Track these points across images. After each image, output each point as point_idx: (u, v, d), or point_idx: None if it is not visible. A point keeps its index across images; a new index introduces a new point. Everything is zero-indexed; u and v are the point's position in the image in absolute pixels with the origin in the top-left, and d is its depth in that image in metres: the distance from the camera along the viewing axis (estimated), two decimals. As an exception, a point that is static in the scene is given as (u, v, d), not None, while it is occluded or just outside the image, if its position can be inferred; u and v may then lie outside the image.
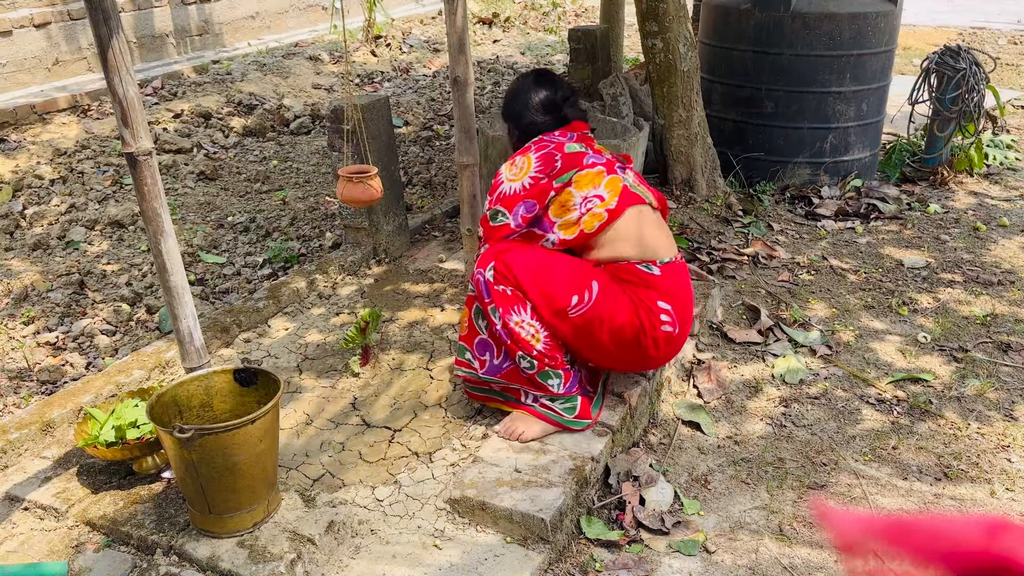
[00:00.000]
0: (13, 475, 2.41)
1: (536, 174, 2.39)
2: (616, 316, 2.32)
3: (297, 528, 2.10)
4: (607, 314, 2.32)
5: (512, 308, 2.32)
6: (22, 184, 4.87)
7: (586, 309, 2.31)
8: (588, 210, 2.36)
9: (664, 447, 2.66)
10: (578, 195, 2.37)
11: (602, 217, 2.35)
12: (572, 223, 2.37)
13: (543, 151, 2.44)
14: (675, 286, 2.41)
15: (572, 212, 2.37)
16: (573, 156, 2.43)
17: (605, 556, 2.21)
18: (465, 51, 2.94)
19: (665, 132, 4.47)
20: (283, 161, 5.44)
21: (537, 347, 2.34)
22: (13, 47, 6.32)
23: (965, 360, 3.11)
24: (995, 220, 4.35)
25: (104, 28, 1.95)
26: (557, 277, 2.32)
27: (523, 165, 2.43)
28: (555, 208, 2.39)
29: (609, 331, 2.33)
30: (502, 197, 2.42)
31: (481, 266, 2.36)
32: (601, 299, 2.31)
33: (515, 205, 2.39)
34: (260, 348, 3.13)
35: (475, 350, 2.46)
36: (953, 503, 2.42)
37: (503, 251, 2.36)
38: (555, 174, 2.38)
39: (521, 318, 2.32)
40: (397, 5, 9.91)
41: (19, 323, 3.57)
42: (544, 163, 2.40)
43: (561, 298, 2.31)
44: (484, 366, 2.45)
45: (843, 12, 4.38)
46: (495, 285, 2.33)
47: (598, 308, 2.31)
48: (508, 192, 2.41)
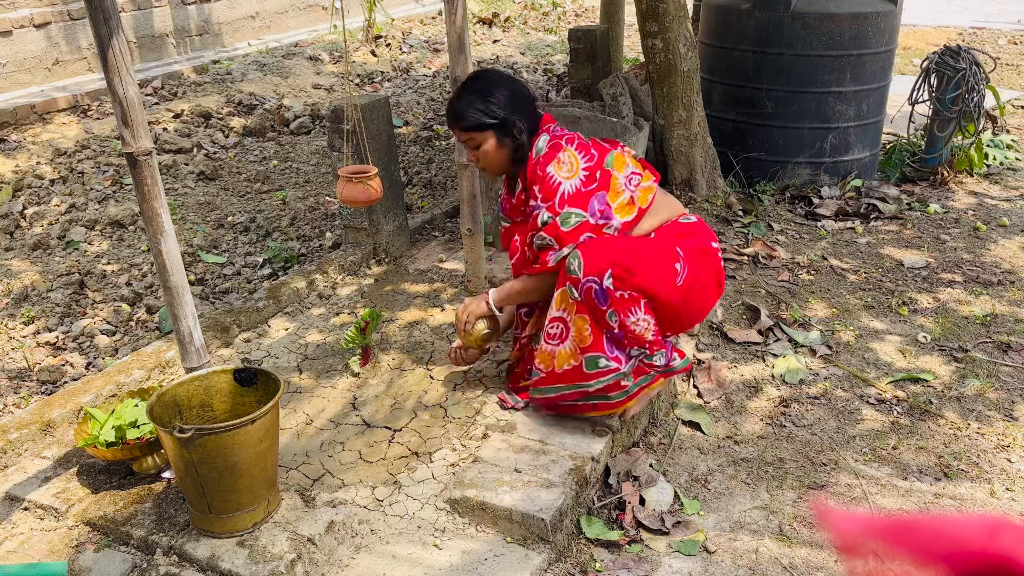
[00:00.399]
0: (13, 475, 2.41)
1: (587, 165, 2.37)
2: (701, 268, 2.45)
3: (297, 528, 2.10)
4: (697, 271, 2.43)
5: (629, 310, 2.33)
6: (22, 184, 4.87)
7: (687, 273, 2.39)
8: (636, 186, 2.41)
9: (664, 447, 2.66)
10: (621, 177, 2.40)
11: (652, 189, 2.44)
12: (626, 204, 2.39)
13: (575, 142, 2.41)
14: (706, 226, 2.57)
15: (623, 194, 2.39)
16: (595, 143, 2.44)
17: (605, 556, 2.21)
18: (465, 51, 2.94)
19: (665, 132, 4.47)
20: (283, 161, 5.45)
21: (648, 337, 2.40)
22: (13, 47, 6.33)
23: (965, 360, 3.11)
24: (995, 220, 4.35)
25: (104, 28, 1.95)
26: (659, 258, 2.36)
27: (570, 161, 2.37)
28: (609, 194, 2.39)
29: (702, 285, 2.45)
30: (568, 197, 2.34)
31: (593, 274, 2.28)
32: (689, 262, 2.41)
33: (588, 200, 2.34)
34: (260, 348, 3.13)
35: (607, 351, 2.38)
36: (953, 503, 2.42)
37: (611, 254, 2.29)
38: (599, 161, 2.39)
39: (636, 317, 2.35)
40: (397, 5, 9.92)
41: (19, 323, 3.57)
42: (585, 152, 2.39)
43: (670, 274, 2.36)
44: (622, 361, 2.40)
45: (843, 12, 4.38)
46: (615, 292, 2.30)
47: (692, 268, 2.41)
48: (571, 191, 2.35)
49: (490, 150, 2.44)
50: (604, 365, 2.38)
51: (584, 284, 2.30)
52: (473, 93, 2.41)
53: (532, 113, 2.47)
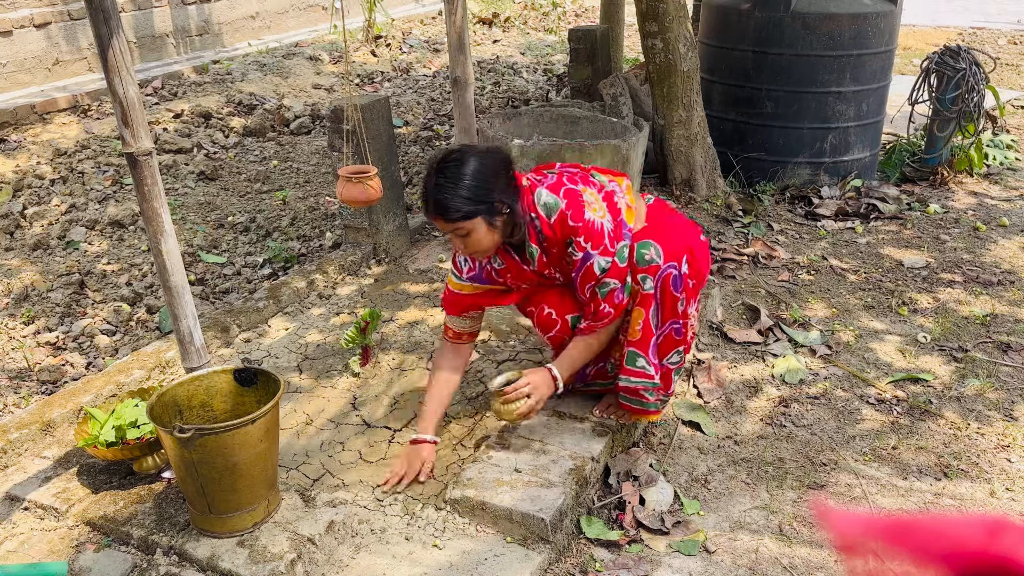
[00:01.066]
0: (13, 475, 2.41)
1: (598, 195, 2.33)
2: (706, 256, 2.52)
3: (297, 528, 2.10)
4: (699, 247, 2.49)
5: (691, 300, 2.39)
6: (22, 184, 4.87)
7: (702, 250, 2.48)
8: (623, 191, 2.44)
9: (664, 447, 2.66)
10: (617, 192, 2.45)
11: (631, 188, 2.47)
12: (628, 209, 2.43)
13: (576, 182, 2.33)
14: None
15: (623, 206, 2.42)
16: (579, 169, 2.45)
17: (605, 556, 2.21)
18: (465, 51, 2.94)
19: (665, 132, 4.47)
20: (283, 161, 5.45)
21: (688, 336, 2.45)
22: (13, 47, 6.33)
23: (965, 360, 3.11)
24: (995, 220, 4.35)
25: (104, 28, 1.95)
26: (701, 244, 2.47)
27: (593, 199, 2.29)
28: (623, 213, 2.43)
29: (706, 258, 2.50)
30: (613, 234, 2.28)
31: (673, 260, 2.31)
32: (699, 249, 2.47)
33: (623, 227, 2.32)
34: (260, 348, 3.13)
35: (651, 355, 2.36)
36: (953, 503, 2.42)
37: (688, 242, 2.38)
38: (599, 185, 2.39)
39: (691, 310, 2.41)
40: (397, 5, 9.92)
41: (19, 323, 3.57)
42: (587, 183, 2.35)
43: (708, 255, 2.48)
44: (658, 371, 2.40)
45: (843, 12, 4.38)
46: (688, 279, 2.34)
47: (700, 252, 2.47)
48: (612, 227, 2.28)
49: (482, 236, 2.20)
50: (642, 366, 2.38)
51: (664, 271, 2.30)
52: (450, 181, 2.15)
53: (511, 179, 2.26)
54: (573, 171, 2.41)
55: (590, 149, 3.48)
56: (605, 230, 2.26)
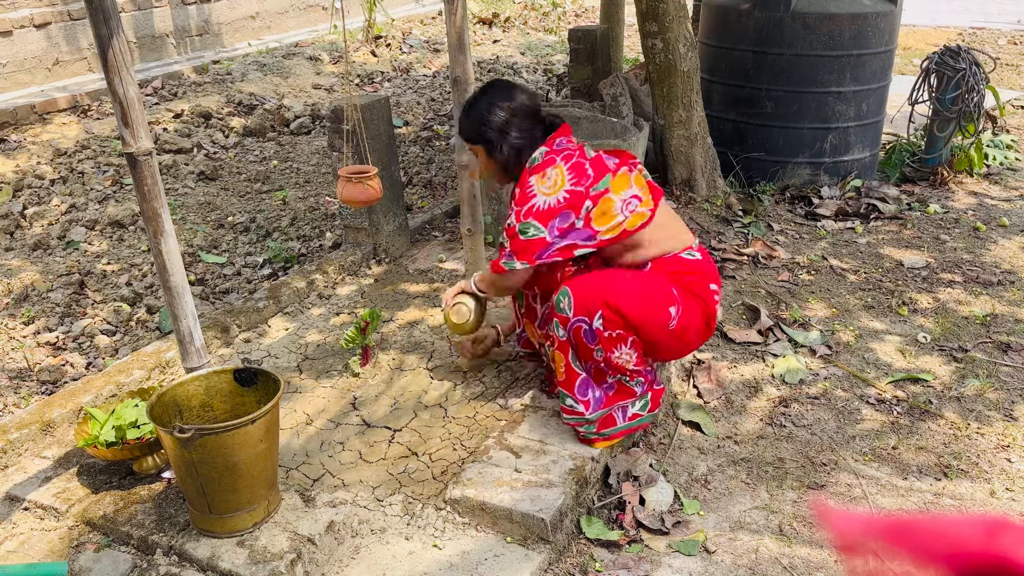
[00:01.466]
0: (13, 475, 2.41)
1: (572, 187, 2.32)
2: (693, 311, 2.42)
3: (297, 528, 2.10)
4: (689, 313, 2.41)
5: (615, 346, 2.34)
6: (22, 184, 4.87)
7: (679, 318, 2.37)
8: (632, 211, 2.36)
9: (664, 447, 2.66)
10: (618, 199, 2.35)
11: (645, 216, 2.38)
12: (617, 225, 2.35)
13: (571, 161, 2.37)
14: (712, 266, 2.54)
15: (616, 216, 2.34)
16: (598, 161, 2.40)
17: (605, 556, 2.21)
18: (465, 51, 2.94)
19: (665, 132, 4.47)
20: (283, 161, 5.45)
21: (630, 367, 2.41)
22: (13, 47, 6.33)
23: (965, 360, 3.11)
24: (995, 220, 4.35)
25: (104, 28, 1.95)
26: (652, 300, 2.35)
27: (556, 178, 2.34)
28: (597, 218, 2.34)
29: (695, 329, 2.45)
30: (535, 211, 2.33)
31: (583, 314, 2.30)
32: (684, 304, 2.39)
33: (550, 219, 2.32)
34: (260, 348, 3.13)
35: (577, 394, 2.42)
36: (953, 503, 2.42)
37: (603, 293, 2.30)
38: (590, 184, 2.34)
39: (621, 352, 2.36)
40: (397, 5, 9.92)
41: (19, 323, 3.57)
42: (577, 174, 2.35)
43: (663, 315, 2.35)
44: (589, 407, 2.42)
45: (843, 12, 4.38)
46: (603, 332, 2.31)
47: (685, 313, 2.39)
48: (542, 207, 2.32)
49: (483, 162, 2.55)
50: (570, 405, 2.43)
51: (573, 324, 2.32)
52: (477, 106, 2.48)
53: (535, 128, 2.46)
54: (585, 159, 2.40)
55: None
56: (533, 201, 2.34)
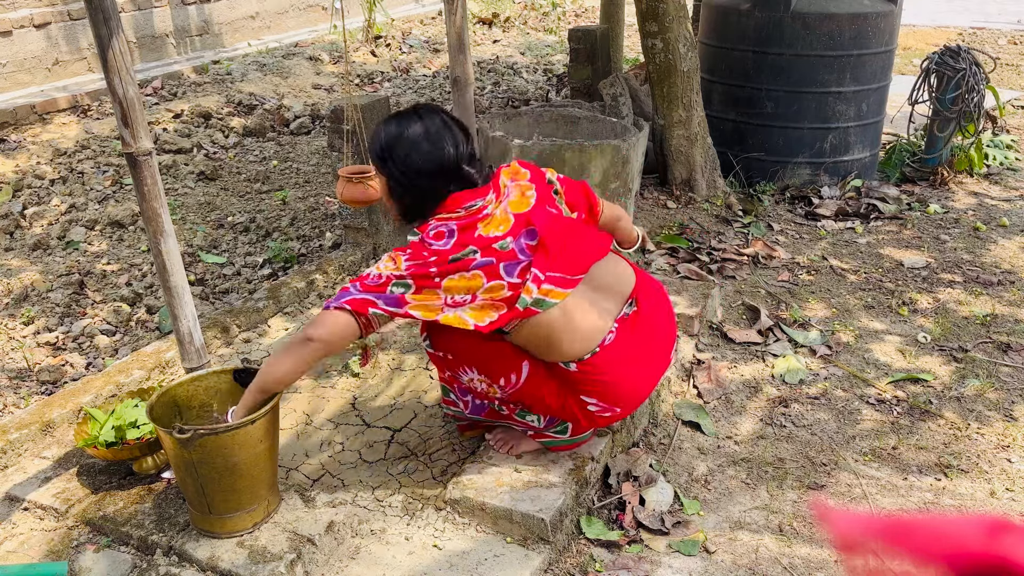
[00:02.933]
0: (13, 475, 2.41)
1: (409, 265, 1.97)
2: (546, 398, 2.20)
3: (297, 528, 2.10)
4: (538, 395, 2.19)
5: (459, 369, 2.20)
6: (22, 184, 4.87)
7: (515, 391, 2.19)
8: (454, 309, 1.98)
9: (664, 447, 2.66)
10: (444, 295, 1.97)
11: (466, 324, 1.99)
12: (434, 310, 1.98)
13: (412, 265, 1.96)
14: (613, 370, 2.15)
15: (434, 303, 1.98)
16: (455, 265, 1.96)
17: (605, 556, 2.21)
18: (465, 51, 2.94)
19: (665, 132, 4.47)
20: (283, 161, 5.44)
21: (499, 396, 2.23)
22: (13, 47, 6.33)
23: (965, 360, 3.11)
24: (995, 220, 4.35)
25: (104, 28, 1.95)
26: (484, 357, 2.14)
27: (388, 264, 1.99)
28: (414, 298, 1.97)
29: (544, 407, 2.23)
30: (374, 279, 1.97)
31: (421, 331, 2.25)
32: (528, 384, 2.17)
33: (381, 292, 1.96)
34: (260, 348, 3.13)
35: (457, 393, 2.38)
36: (953, 503, 2.42)
37: (433, 326, 2.11)
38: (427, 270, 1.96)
39: (471, 376, 2.19)
40: (397, 5, 9.91)
41: (19, 323, 3.57)
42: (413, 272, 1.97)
43: (491, 376, 2.17)
44: (468, 407, 2.40)
45: (843, 12, 4.38)
46: (435, 352, 2.21)
47: (526, 392, 2.18)
48: (380, 277, 1.97)
49: (382, 191, 2.15)
50: (452, 398, 2.42)
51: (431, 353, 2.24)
52: (387, 132, 2.06)
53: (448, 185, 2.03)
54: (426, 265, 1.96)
55: (590, 149, 3.48)
56: (372, 274, 1.97)
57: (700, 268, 3.75)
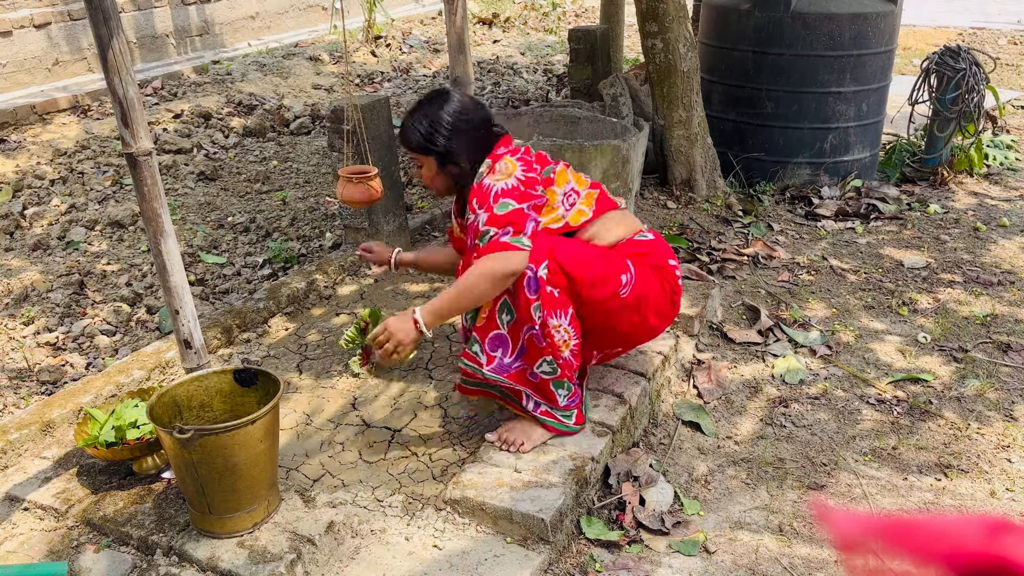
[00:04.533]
0: (13, 475, 2.41)
1: (524, 172, 2.31)
2: (650, 281, 2.39)
3: (297, 528, 2.10)
4: (646, 286, 2.37)
5: (555, 311, 2.25)
6: (22, 184, 4.87)
7: (632, 286, 2.33)
8: (572, 205, 2.39)
9: (664, 447, 2.66)
10: (559, 191, 2.37)
11: (586, 214, 2.39)
12: (559, 218, 2.36)
13: (517, 154, 2.36)
14: (666, 245, 2.52)
15: (557, 210, 2.36)
16: (540, 157, 2.41)
17: (605, 556, 2.21)
18: (465, 51, 2.94)
19: (665, 132, 4.47)
20: (283, 161, 5.44)
21: (565, 353, 2.30)
22: (13, 47, 6.33)
23: (965, 360, 3.11)
24: (995, 220, 4.35)
25: (104, 28, 1.95)
26: (602, 264, 2.31)
27: (506, 167, 2.31)
28: (542, 209, 2.35)
29: (655, 303, 2.41)
30: (503, 192, 2.25)
31: (532, 262, 2.22)
32: (639, 274, 2.36)
33: (522, 198, 2.26)
34: (260, 348, 3.13)
35: (487, 344, 2.33)
36: (953, 503, 2.42)
37: (552, 247, 2.25)
38: (539, 171, 2.37)
39: (560, 322, 2.26)
40: (397, 5, 9.92)
41: (19, 323, 3.57)
42: (524, 163, 2.34)
43: (613, 281, 2.30)
44: (492, 362, 2.33)
45: (843, 12, 4.38)
46: (546, 285, 2.21)
47: (640, 283, 2.35)
48: (507, 187, 2.26)
49: (432, 174, 2.44)
50: (475, 352, 2.32)
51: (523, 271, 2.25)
52: (423, 115, 2.38)
53: (483, 138, 2.40)
54: (528, 155, 2.38)
55: (590, 149, 3.48)
56: (494, 190, 2.26)
57: (700, 268, 3.75)
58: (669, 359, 2.95)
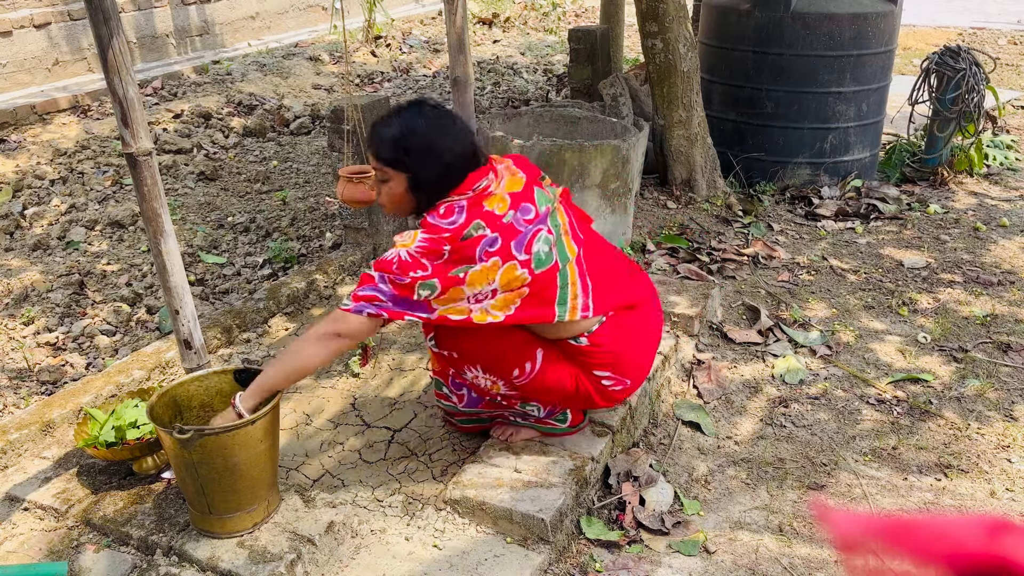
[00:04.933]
0: (13, 475, 2.41)
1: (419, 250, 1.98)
2: (562, 383, 2.24)
3: (297, 528, 2.10)
4: (552, 382, 2.23)
5: (463, 367, 2.22)
6: (22, 184, 4.87)
7: (529, 380, 2.21)
8: (479, 305, 2.02)
9: (664, 447, 2.66)
10: (469, 291, 2.00)
11: (497, 318, 2.04)
12: (463, 311, 2.01)
13: (425, 241, 1.98)
14: (617, 345, 2.23)
15: (460, 303, 2.01)
16: (468, 244, 1.97)
17: (605, 556, 2.21)
18: (465, 51, 2.94)
19: (665, 132, 4.47)
20: (283, 161, 5.44)
21: (500, 392, 2.27)
22: (13, 47, 6.33)
23: (965, 360, 3.11)
24: (995, 220, 4.35)
25: (104, 28, 1.95)
26: (498, 348, 2.16)
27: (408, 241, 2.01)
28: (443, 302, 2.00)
29: (557, 394, 2.27)
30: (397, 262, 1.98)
31: (425, 331, 2.24)
32: (544, 369, 2.20)
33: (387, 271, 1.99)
34: (260, 348, 3.13)
35: (451, 386, 2.39)
36: (953, 503, 2.42)
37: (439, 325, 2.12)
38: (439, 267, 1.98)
39: (474, 374, 2.23)
40: (397, 5, 9.92)
41: (19, 323, 3.57)
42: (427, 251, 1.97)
43: (503, 368, 2.19)
44: (463, 400, 2.40)
45: (843, 12, 4.38)
46: (440, 350, 2.22)
47: (542, 378, 2.21)
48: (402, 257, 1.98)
49: (397, 191, 2.09)
50: (445, 392, 2.43)
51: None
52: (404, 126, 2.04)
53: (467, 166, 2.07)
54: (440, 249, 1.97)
55: (590, 149, 3.48)
56: (393, 262, 1.97)
57: (700, 268, 3.75)
58: (669, 359, 2.95)
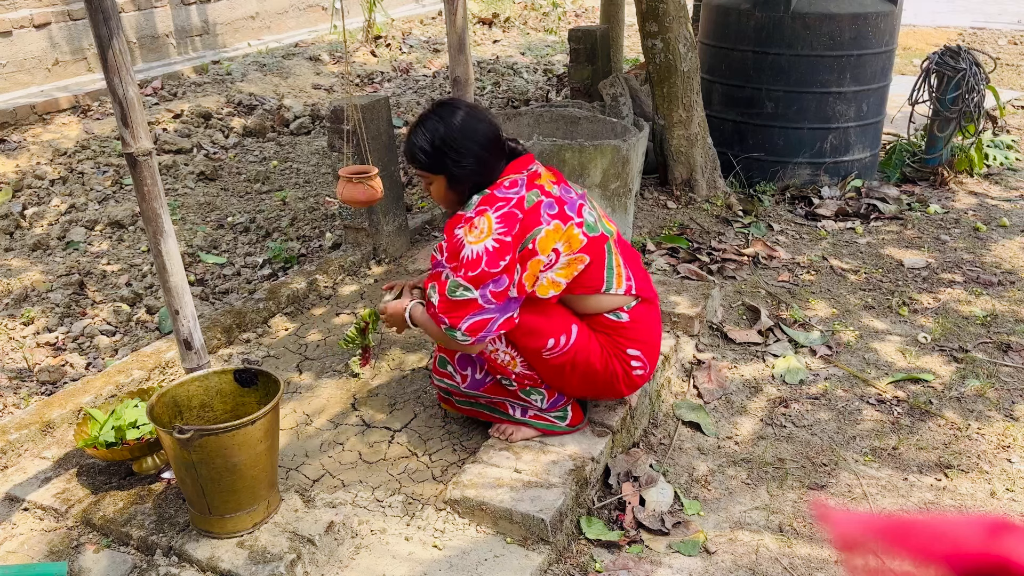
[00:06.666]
0: (13, 475, 2.41)
1: (500, 237, 2.12)
2: (590, 361, 2.29)
3: (297, 528, 2.10)
4: (581, 359, 2.28)
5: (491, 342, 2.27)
6: (22, 184, 4.87)
7: (561, 353, 2.26)
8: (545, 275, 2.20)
9: (664, 447, 2.66)
10: (544, 258, 2.17)
11: (559, 286, 2.22)
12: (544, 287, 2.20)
13: (501, 210, 2.16)
14: (645, 328, 2.36)
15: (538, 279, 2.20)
16: (532, 211, 2.17)
17: (605, 556, 2.21)
18: (465, 51, 2.94)
19: (665, 132, 4.47)
20: (283, 161, 5.44)
21: (516, 370, 2.31)
22: (13, 47, 6.33)
23: (965, 360, 3.11)
24: (995, 220, 4.35)
25: (104, 28, 1.95)
26: (536, 318, 2.23)
27: (482, 228, 2.14)
28: (528, 279, 2.17)
29: (582, 375, 2.31)
30: (467, 263, 2.12)
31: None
32: (577, 345, 2.26)
33: (485, 282, 2.12)
34: (260, 348, 3.13)
35: (456, 364, 2.39)
36: (953, 503, 2.42)
37: None
38: (518, 236, 2.14)
39: (496, 347, 2.26)
40: (397, 5, 9.92)
41: (19, 323, 3.57)
42: (506, 223, 2.14)
43: (537, 339, 2.24)
44: (466, 380, 2.40)
45: (843, 12, 4.38)
46: None
47: (573, 353, 2.27)
48: (473, 257, 2.12)
49: (442, 191, 2.28)
50: (448, 370, 2.42)
51: None
52: (427, 131, 2.23)
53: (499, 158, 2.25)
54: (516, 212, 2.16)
55: (590, 149, 3.48)
56: (463, 253, 2.12)
57: (700, 268, 3.75)
58: (669, 359, 2.95)
